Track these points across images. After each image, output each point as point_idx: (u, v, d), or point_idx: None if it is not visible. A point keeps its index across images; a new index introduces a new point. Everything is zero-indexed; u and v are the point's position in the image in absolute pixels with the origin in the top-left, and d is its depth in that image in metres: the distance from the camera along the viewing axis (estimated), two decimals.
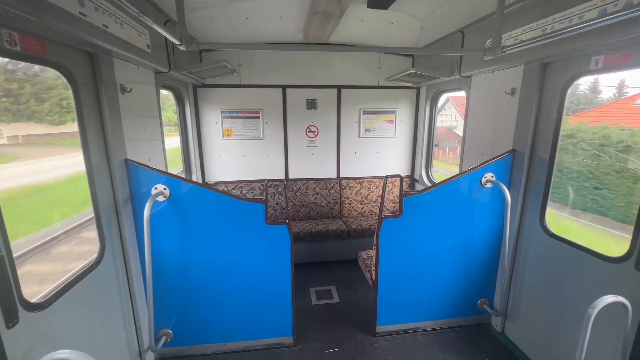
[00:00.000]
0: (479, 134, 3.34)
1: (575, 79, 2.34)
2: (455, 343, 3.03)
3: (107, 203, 2.23)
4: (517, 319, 2.94)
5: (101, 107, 2.14)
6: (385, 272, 2.96)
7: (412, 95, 4.83)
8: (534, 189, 2.71)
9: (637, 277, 1.92)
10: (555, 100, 2.47)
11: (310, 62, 4.51)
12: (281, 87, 4.53)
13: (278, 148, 4.73)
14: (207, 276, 2.73)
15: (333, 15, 3.05)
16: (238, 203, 2.61)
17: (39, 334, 1.58)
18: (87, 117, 2.04)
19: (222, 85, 4.39)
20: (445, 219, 2.93)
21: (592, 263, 2.21)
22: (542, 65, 2.54)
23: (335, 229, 4.40)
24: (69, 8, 1.58)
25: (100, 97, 2.13)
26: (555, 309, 2.53)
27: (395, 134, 4.93)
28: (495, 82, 3.06)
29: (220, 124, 4.52)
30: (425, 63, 4.34)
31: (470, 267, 3.09)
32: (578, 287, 2.33)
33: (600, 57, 2.13)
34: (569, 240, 2.41)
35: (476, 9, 2.95)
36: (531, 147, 2.69)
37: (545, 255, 2.62)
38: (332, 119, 4.76)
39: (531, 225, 2.75)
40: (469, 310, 3.24)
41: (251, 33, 3.93)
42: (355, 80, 4.66)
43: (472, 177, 2.85)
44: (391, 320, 3.14)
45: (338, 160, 4.90)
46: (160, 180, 2.44)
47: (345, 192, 4.92)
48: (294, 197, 4.79)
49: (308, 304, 3.68)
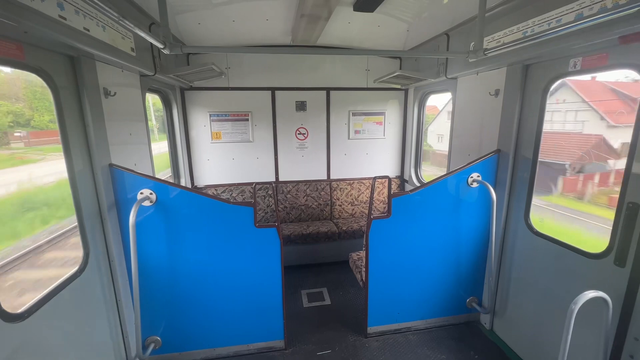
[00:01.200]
0: (466, 134, 3.39)
1: (555, 80, 2.40)
2: (445, 341, 3.06)
3: (90, 209, 2.18)
4: (505, 316, 2.99)
5: (83, 111, 2.11)
6: (376, 273, 2.98)
7: (400, 97, 4.89)
8: (518, 188, 2.77)
9: (616, 272, 1.97)
10: (537, 100, 2.53)
11: (299, 64, 4.52)
12: (270, 90, 4.53)
13: (268, 150, 4.72)
14: (195, 281, 2.70)
15: (320, 18, 3.06)
16: (226, 207, 2.59)
17: (18, 345, 1.54)
18: (69, 121, 2.00)
19: (210, 88, 4.36)
20: (434, 218, 2.97)
21: (575, 259, 2.27)
22: (524, 67, 2.60)
23: (326, 230, 4.40)
24: (48, 11, 1.55)
25: (83, 101, 2.09)
26: (540, 305, 2.59)
27: (385, 135, 4.97)
28: (479, 84, 3.12)
29: (209, 127, 4.48)
30: (412, 65, 4.39)
31: (459, 265, 3.13)
32: (562, 283, 2.39)
33: (578, 59, 2.19)
34: (553, 237, 2.46)
35: (459, 13, 3.01)
36: (515, 147, 2.75)
37: (530, 252, 2.68)
38: (322, 121, 4.77)
39: (516, 224, 2.80)
40: (459, 309, 3.28)
41: (238, 35, 3.92)
42: (344, 82, 4.68)
43: (459, 177, 2.89)
44: (382, 321, 3.16)
45: (328, 162, 4.91)
46: (146, 185, 2.41)
47: (336, 194, 4.93)
48: (284, 200, 4.78)
49: (299, 306, 3.67)
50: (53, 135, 2.07)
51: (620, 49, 1.93)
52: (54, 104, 1.92)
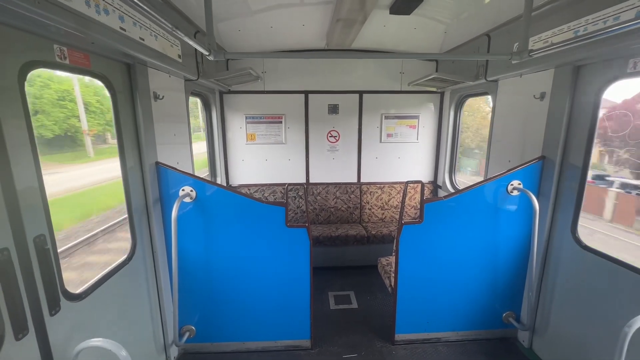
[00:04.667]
0: (506, 139, 3.22)
1: (612, 82, 2.22)
2: (478, 356, 2.92)
3: (139, 203, 2.38)
4: (546, 335, 2.79)
5: (136, 113, 2.30)
6: (405, 280, 2.92)
7: (435, 100, 4.76)
8: (565, 198, 2.58)
9: None
10: (589, 104, 2.35)
11: (332, 68, 4.57)
12: (303, 93, 4.62)
13: (299, 152, 4.81)
14: (229, 276, 2.82)
15: (355, 22, 3.09)
16: (259, 206, 2.68)
17: (77, 322, 1.72)
18: (124, 122, 2.20)
19: (246, 92, 4.54)
20: (469, 227, 2.85)
21: (630, 278, 2.06)
22: (575, 69, 2.43)
23: (355, 234, 4.38)
24: (111, 24, 1.73)
25: (135, 104, 2.29)
26: (587, 325, 2.38)
27: (418, 139, 4.86)
28: (523, 87, 2.95)
29: (244, 129, 4.67)
30: (449, 67, 4.26)
31: (496, 277, 2.98)
32: (613, 304, 2.18)
33: (638, 59, 2.01)
34: (605, 253, 2.26)
35: (502, 12, 2.88)
36: (562, 154, 2.56)
37: (577, 268, 2.48)
38: (354, 124, 4.77)
39: (562, 236, 2.61)
40: (494, 323, 3.11)
41: (275, 41, 4.05)
42: (377, 85, 4.66)
43: (498, 184, 2.76)
44: (410, 329, 3.08)
45: (359, 165, 4.90)
46: (188, 182, 2.57)
47: (366, 197, 4.90)
48: (314, 201, 4.84)
49: (326, 308, 3.69)
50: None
51: None
52: (112, 106, 2.13)
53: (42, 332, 1.49)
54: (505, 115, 3.25)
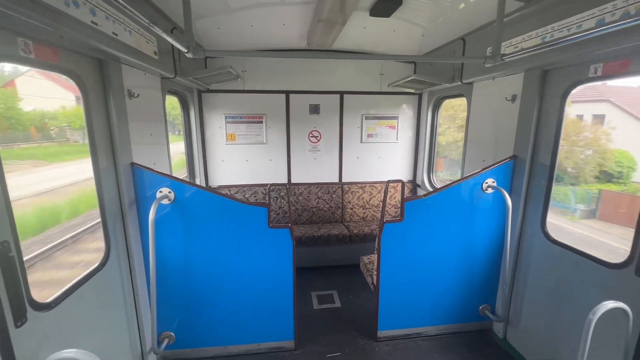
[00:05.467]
0: (481, 139, 3.36)
1: (575, 86, 2.37)
2: (456, 348, 3.02)
3: (113, 206, 2.27)
4: (519, 325, 2.93)
5: (109, 111, 2.20)
6: (387, 277, 2.97)
7: (414, 101, 4.88)
8: (534, 195, 2.73)
9: (637, 283, 1.92)
10: (555, 106, 2.50)
11: (313, 68, 4.57)
12: (284, 93, 4.59)
13: (281, 153, 4.78)
14: (209, 279, 2.76)
15: (336, 23, 3.11)
16: (241, 207, 2.64)
17: (46, 333, 1.61)
18: (96, 121, 2.10)
19: (226, 91, 4.46)
20: (447, 224, 2.95)
21: (593, 269, 2.21)
22: (542, 73, 2.57)
23: (337, 233, 4.41)
24: (82, 17, 1.64)
25: (108, 102, 2.18)
26: (557, 315, 2.53)
27: (397, 140, 4.96)
28: (496, 89, 3.09)
29: (224, 129, 4.58)
30: (427, 69, 4.38)
31: (472, 272, 3.10)
32: (579, 293, 2.33)
33: (599, 65, 2.16)
34: (571, 246, 2.41)
35: (477, 18, 3.00)
36: (532, 153, 2.71)
37: (546, 261, 2.63)
38: (335, 124, 4.81)
39: (532, 231, 2.76)
40: (471, 316, 3.24)
41: (255, 40, 4.01)
42: (357, 86, 4.71)
43: (474, 182, 2.87)
44: (393, 325, 3.14)
45: (340, 165, 4.94)
46: (165, 183, 2.49)
47: (348, 197, 4.95)
48: (296, 202, 4.82)
49: (310, 308, 3.68)
50: None
51: None
52: (83, 104, 2.02)
53: (6, 345, 1.39)
54: (479, 117, 3.39)
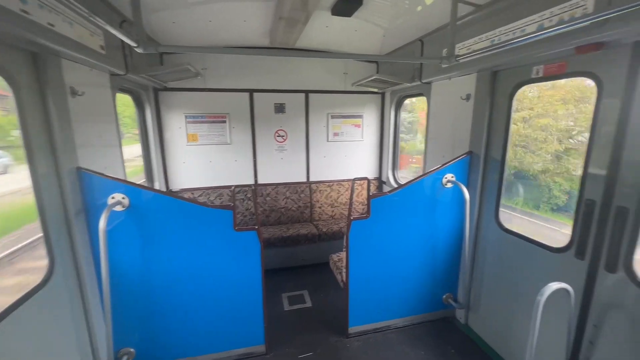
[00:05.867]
0: (440, 136, 3.53)
1: (520, 87, 2.56)
2: (423, 338, 3.15)
3: (56, 215, 2.05)
4: (479, 311, 3.13)
5: (48, 111, 1.98)
6: (356, 274, 3.02)
7: (377, 100, 5.00)
8: (489, 188, 2.92)
9: (577, 265, 2.13)
10: (504, 105, 2.69)
11: (277, 66, 4.51)
12: (248, 92, 4.48)
13: (246, 153, 4.65)
14: (172, 288, 2.61)
15: (298, 22, 3.08)
16: (204, 210, 2.52)
17: None
18: (32, 122, 1.88)
19: (186, 89, 4.24)
20: (411, 218, 3.05)
21: (540, 254, 2.42)
22: (492, 73, 2.75)
23: (307, 232, 4.40)
24: (9, 5, 1.46)
25: (46, 100, 1.97)
26: (510, 298, 2.73)
27: (363, 138, 5.06)
28: (452, 88, 3.26)
29: (184, 129, 4.36)
30: (388, 69, 4.51)
31: (435, 263, 3.24)
32: (529, 277, 2.54)
33: (540, 67, 2.35)
34: (520, 234, 2.62)
35: (433, 20, 3.14)
36: (485, 149, 2.89)
37: (500, 249, 2.82)
38: (301, 123, 4.78)
39: (488, 222, 2.95)
40: (436, 305, 3.39)
41: (215, 36, 3.85)
42: (322, 85, 4.73)
43: (434, 178, 3.00)
44: (363, 321, 3.19)
45: (307, 164, 4.92)
46: (118, 189, 2.30)
47: (316, 196, 4.95)
48: (263, 203, 4.73)
49: (280, 310, 3.63)
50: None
51: (577, 59, 2.10)
52: (15, 103, 1.80)
53: None
54: (438, 115, 3.55)
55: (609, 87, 1.93)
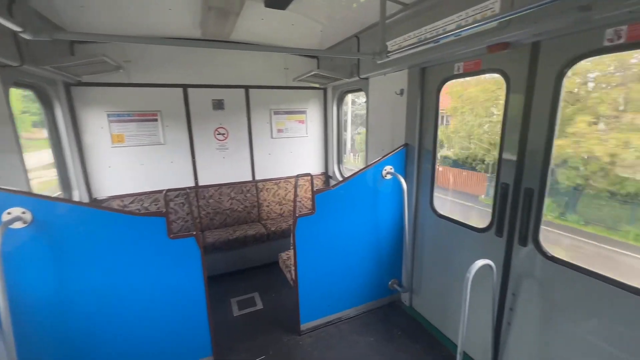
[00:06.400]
0: (379, 130, 3.67)
1: (445, 82, 2.77)
2: (373, 324, 3.28)
3: None
4: (421, 292, 3.35)
5: None
6: (304, 270, 3.00)
7: (320, 96, 5.02)
8: (424, 177, 3.12)
9: (497, 242, 2.38)
10: (433, 99, 2.88)
11: (214, 60, 4.24)
12: (182, 87, 4.14)
13: (184, 153, 4.32)
14: (100, 310, 2.30)
15: (230, 13, 2.92)
16: (132, 220, 2.26)
17: None
18: None
19: (106, 84, 3.76)
20: (355, 211, 3.13)
21: (468, 235, 2.66)
22: (421, 70, 2.92)
23: (254, 233, 4.26)
24: None
25: None
26: (446, 277, 2.97)
27: (307, 134, 5.05)
28: (387, 84, 3.40)
29: (107, 129, 3.87)
30: (328, 65, 4.55)
31: (380, 252, 3.38)
32: (460, 257, 2.78)
33: (460, 64, 2.56)
34: (451, 217, 2.85)
35: (366, 17, 3.22)
36: (419, 141, 3.08)
37: (435, 233, 3.05)
38: (243, 120, 4.58)
39: (424, 209, 3.15)
40: (383, 292, 3.55)
41: (137, 25, 3.47)
42: (263, 80, 4.58)
43: (374, 170, 3.11)
44: (314, 316, 3.21)
45: (252, 162, 4.76)
46: (16, 202, 1.94)
47: (263, 195, 4.82)
48: (206, 205, 4.46)
49: (229, 316, 3.47)
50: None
51: (489, 57, 2.32)
52: None
53: None
54: (376, 109, 3.68)
55: (515, 83, 2.17)
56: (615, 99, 2.33)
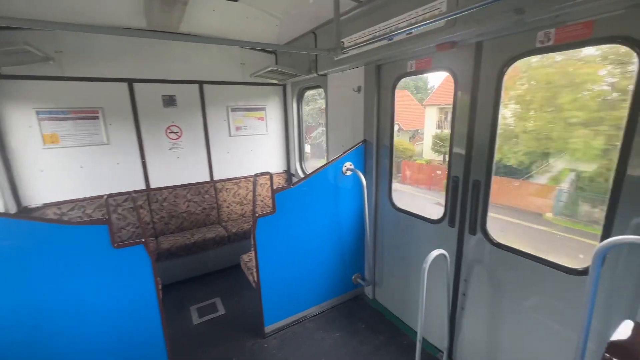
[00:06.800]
0: (339, 127, 3.68)
1: (399, 79, 2.84)
2: (338, 320, 3.30)
3: None
4: (383, 284, 3.45)
5: None
6: (266, 271, 2.93)
7: (279, 92, 4.92)
8: (382, 172, 3.19)
9: (450, 232, 2.51)
10: (388, 96, 2.95)
11: (164, 53, 3.95)
12: (127, 81, 3.80)
13: (132, 154, 3.98)
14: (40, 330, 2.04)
15: (176, 1, 2.72)
16: (67, 229, 2.02)
17: None
18: None
19: (32, 77, 3.32)
20: (317, 208, 3.12)
21: (425, 226, 2.77)
22: (377, 67, 2.98)
23: (214, 236, 4.08)
24: None
25: None
26: (405, 268, 3.08)
27: (268, 131, 4.93)
28: (345, 81, 3.41)
29: (37, 128, 3.43)
30: (287, 61, 4.47)
31: (343, 247, 3.41)
32: (418, 248, 2.89)
33: (412, 61, 2.64)
34: (407, 210, 2.95)
35: (322, 13, 3.20)
36: (377, 137, 3.14)
37: (394, 225, 3.14)
38: (197, 117, 4.34)
39: (384, 203, 3.23)
40: (347, 287, 3.59)
41: (71, 12, 3.10)
42: (218, 75, 4.37)
43: (335, 166, 3.12)
44: (279, 317, 3.15)
45: (210, 161, 4.53)
46: None
47: (222, 195, 4.62)
48: (160, 209, 4.16)
49: (189, 325, 3.29)
50: None
51: (439, 55, 2.42)
52: None
53: None
54: (335, 106, 3.69)
55: (461, 81, 2.28)
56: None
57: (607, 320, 1.71)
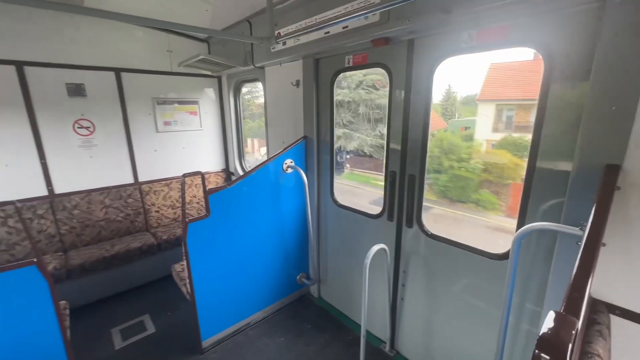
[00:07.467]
0: (278, 122, 3.53)
1: (338, 74, 2.81)
2: (283, 323, 3.18)
3: None
4: (327, 282, 3.42)
5: None
6: (201, 280, 2.66)
7: (214, 85, 4.56)
8: (324, 169, 3.14)
9: (389, 226, 2.57)
10: (327, 91, 2.89)
11: (66, 32, 3.31)
12: (13, 64, 3.10)
13: (27, 153, 3.28)
14: None
15: None
16: None
17: None
18: None
19: None
20: (256, 208, 2.94)
21: (366, 222, 2.80)
22: (315, 61, 2.90)
23: (140, 245, 3.60)
24: None
25: None
26: (348, 264, 3.09)
27: (202, 127, 4.53)
28: (284, 74, 3.27)
29: None
30: (221, 51, 4.14)
31: (287, 247, 3.29)
32: (360, 243, 2.92)
33: (350, 56, 2.62)
34: (349, 206, 2.96)
35: (257, 0, 3.00)
36: (317, 133, 3.07)
37: (337, 222, 3.12)
38: (115, 110, 3.77)
39: (326, 200, 3.19)
40: (292, 287, 3.49)
41: None
42: (140, 63, 3.85)
43: (275, 164, 2.97)
44: (218, 329, 2.90)
45: (133, 161, 3.99)
46: None
47: (150, 199, 4.11)
48: (69, 218, 3.52)
49: (109, 351, 2.83)
50: None
51: (375, 51, 2.43)
52: None
53: None
54: (275, 100, 3.53)
55: (396, 77, 2.33)
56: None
57: (524, 296, 1.89)
